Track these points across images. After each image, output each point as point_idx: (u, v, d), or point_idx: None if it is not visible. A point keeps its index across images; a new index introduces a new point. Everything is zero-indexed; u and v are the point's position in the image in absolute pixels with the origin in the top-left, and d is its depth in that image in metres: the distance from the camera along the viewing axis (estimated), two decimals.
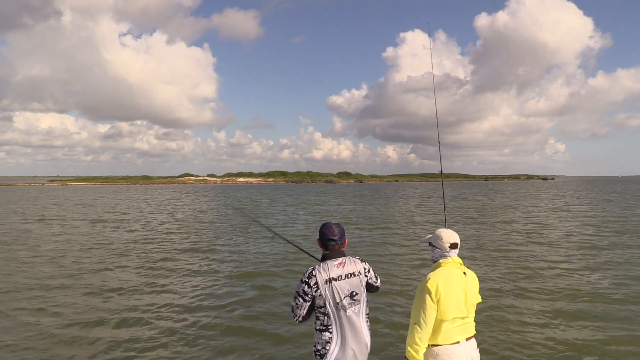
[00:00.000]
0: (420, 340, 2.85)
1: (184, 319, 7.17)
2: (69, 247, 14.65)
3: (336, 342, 2.89)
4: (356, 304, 2.97)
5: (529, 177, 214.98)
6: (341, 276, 2.92)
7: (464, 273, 3.02)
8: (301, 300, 2.91)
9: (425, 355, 2.92)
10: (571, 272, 10.34)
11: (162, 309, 7.70)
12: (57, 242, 15.81)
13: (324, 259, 3.01)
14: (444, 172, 5.18)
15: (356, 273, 2.99)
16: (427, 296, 2.86)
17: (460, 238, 3.10)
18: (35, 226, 21.18)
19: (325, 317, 2.92)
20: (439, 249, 3.06)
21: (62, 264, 11.64)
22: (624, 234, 16.64)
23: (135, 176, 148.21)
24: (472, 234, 17.28)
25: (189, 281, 9.87)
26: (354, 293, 2.95)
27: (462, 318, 2.95)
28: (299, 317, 2.96)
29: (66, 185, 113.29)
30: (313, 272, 2.92)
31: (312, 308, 2.96)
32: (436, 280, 2.90)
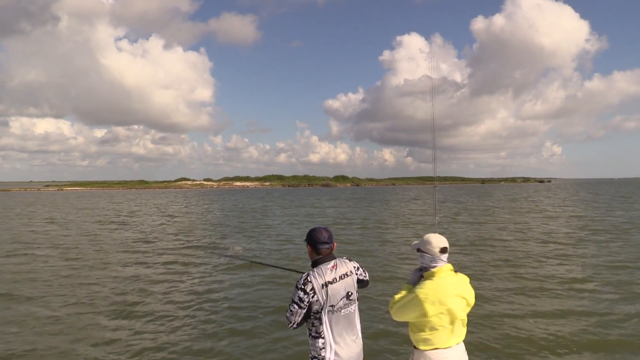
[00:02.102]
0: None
1: (196, 315, 7.57)
2: (87, 246, 15.63)
3: (332, 346, 2.90)
4: (352, 303, 3.01)
5: (526, 179, 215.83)
6: (335, 279, 2.93)
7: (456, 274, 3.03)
8: (296, 307, 2.88)
9: (414, 357, 3.02)
10: (549, 265, 11.21)
11: (175, 304, 8.28)
12: (73, 242, 16.55)
13: (317, 263, 2.99)
14: (441, 174, 5.31)
15: (348, 273, 3.01)
16: (414, 300, 2.90)
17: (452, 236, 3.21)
18: (49, 228, 21.89)
19: (319, 322, 2.92)
20: (428, 254, 3.00)
21: (84, 261, 12.62)
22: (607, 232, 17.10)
23: (132, 181, 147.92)
24: (459, 232, 17.68)
25: (197, 277, 10.55)
26: (349, 293, 2.98)
27: (456, 323, 2.97)
28: (293, 323, 2.92)
29: (62, 190, 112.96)
30: (308, 277, 2.90)
31: (307, 314, 2.94)
32: (430, 290, 2.89)
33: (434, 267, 2.99)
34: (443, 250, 2.99)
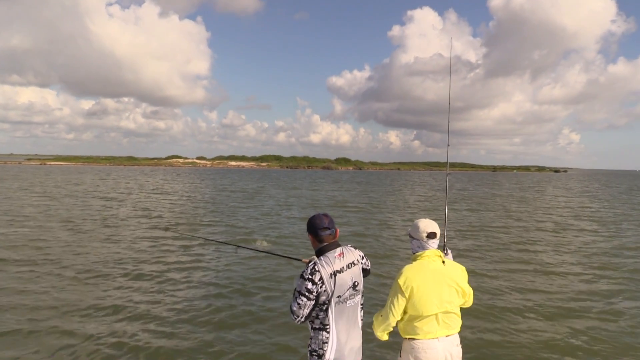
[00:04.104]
0: (383, 331, 3.12)
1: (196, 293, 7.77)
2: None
3: (335, 339, 2.90)
4: (357, 294, 3.00)
5: (540, 168, 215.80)
6: (343, 267, 2.93)
7: (443, 262, 3.08)
8: (304, 299, 2.84)
9: (402, 348, 3.11)
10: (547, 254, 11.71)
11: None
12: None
13: (322, 252, 2.97)
14: (449, 160, 5.44)
15: (355, 262, 3.02)
16: (396, 291, 3.01)
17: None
18: (40, 202, 22.25)
19: (325, 314, 2.90)
20: (416, 239, 3.14)
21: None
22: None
23: (120, 157, 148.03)
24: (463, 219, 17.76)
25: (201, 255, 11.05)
26: (356, 283, 2.99)
27: (444, 313, 3.02)
28: (301, 317, 2.88)
29: (45, 164, 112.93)
30: (316, 267, 2.87)
31: (315, 306, 2.90)
32: (408, 274, 3.02)
33: (420, 252, 3.11)
34: (431, 235, 3.08)
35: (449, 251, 3.49)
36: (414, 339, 3.02)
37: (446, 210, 4.33)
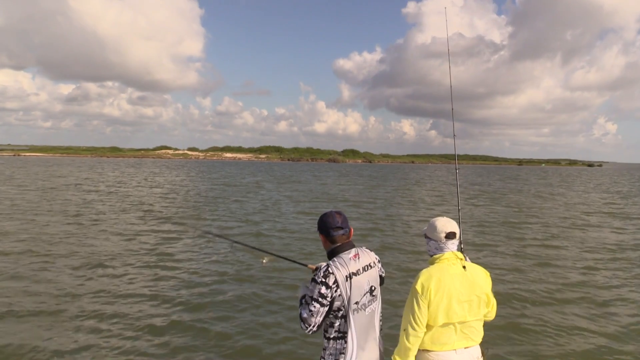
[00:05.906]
0: (409, 349, 2.95)
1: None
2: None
3: (354, 348, 2.85)
4: (375, 300, 2.97)
5: (572, 162, 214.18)
6: (359, 270, 2.89)
7: (464, 267, 2.98)
8: (317, 305, 2.78)
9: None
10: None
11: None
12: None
13: (335, 253, 2.93)
14: (470, 153, 4.24)
15: (372, 264, 2.99)
16: (415, 299, 2.92)
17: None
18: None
19: (341, 322, 2.85)
20: (434, 240, 3.07)
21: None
22: None
23: (102, 147, 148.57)
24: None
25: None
26: (373, 288, 2.96)
27: (462, 323, 2.93)
28: (313, 326, 2.81)
29: (19, 155, 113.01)
30: (329, 269, 2.82)
31: (328, 313, 2.85)
32: (425, 280, 2.93)
33: (438, 254, 3.06)
34: (450, 235, 3.03)
35: (465, 255, 3.29)
36: (428, 350, 2.97)
37: (459, 208, 4.14)
